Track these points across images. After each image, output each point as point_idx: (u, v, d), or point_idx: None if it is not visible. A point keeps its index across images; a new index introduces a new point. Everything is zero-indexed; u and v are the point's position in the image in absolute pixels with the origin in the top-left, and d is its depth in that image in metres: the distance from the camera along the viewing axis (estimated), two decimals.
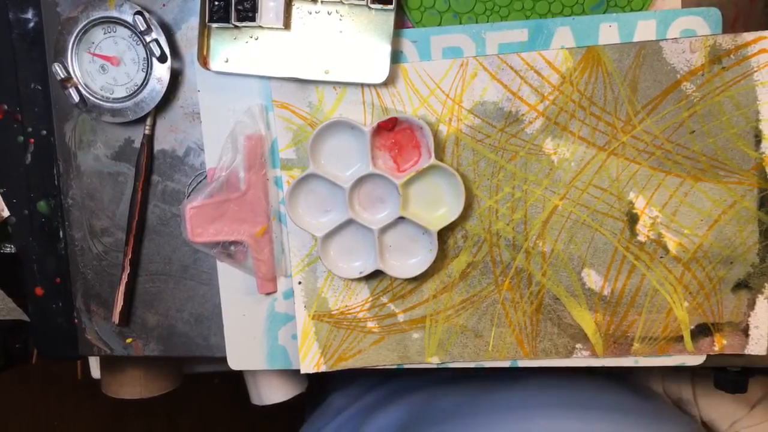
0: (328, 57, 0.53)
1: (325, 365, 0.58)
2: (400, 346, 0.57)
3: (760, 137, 0.52)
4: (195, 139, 0.58)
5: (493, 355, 0.56)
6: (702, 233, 0.53)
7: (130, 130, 0.59)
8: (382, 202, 0.55)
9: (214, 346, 0.61)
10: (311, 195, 0.55)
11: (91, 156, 0.60)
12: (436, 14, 0.53)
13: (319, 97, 0.55)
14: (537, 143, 0.54)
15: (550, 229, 0.54)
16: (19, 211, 0.61)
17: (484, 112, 0.53)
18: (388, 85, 0.54)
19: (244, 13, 0.52)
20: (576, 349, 0.55)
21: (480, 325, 0.56)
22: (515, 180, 0.54)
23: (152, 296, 0.61)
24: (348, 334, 0.57)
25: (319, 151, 0.54)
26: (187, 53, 0.57)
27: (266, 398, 0.75)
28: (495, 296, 0.55)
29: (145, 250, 0.60)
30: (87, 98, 0.56)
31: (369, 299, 0.57)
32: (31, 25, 0.58)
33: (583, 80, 0.52)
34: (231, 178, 0.56)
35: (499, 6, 0.53)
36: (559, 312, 0.55)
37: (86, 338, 0.62)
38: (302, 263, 0.57)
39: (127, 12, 0.55)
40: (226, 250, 0.57)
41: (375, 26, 0.53)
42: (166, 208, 0.60)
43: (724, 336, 0.54)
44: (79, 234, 0.61)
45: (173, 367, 0.80)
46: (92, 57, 0.56)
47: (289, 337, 0.59)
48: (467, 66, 0.53)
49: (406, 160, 0.54)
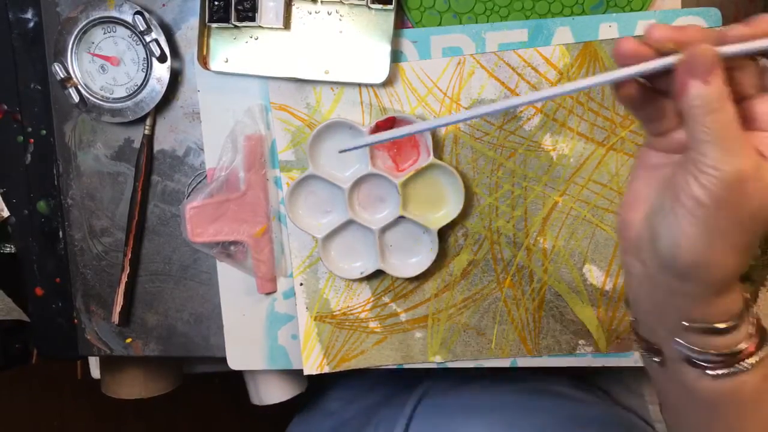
0: (328, 57, 0.53)
1: (328, 366, 0.58)
2: (403, 346, 0.57)
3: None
4: (195, 139, 0.58)
5: (496, 352, 0.56)
6: None
7: (130, 130, 0.59)
8: (382, 201, 0.55)
9: (214, 346, 0.61)
10: (311, 196, 0.55)
11: (91, 156, 0.60)
12: (436, 14, 0.53)
13: (317, 98, 0.55)
14: (536, 140, 0.54)
15: (551, 225, 0.54)
16: (19, 211, 0.61)
17: None
18: (386, 85, 0.54)
19: (244, 13, 0.52)
20: (579, 345, 0.55)
21: (482, 323, 0.56)
22: (515, 177, 0.54)
23: (152, 296, 0.61)
24: (350, 335, 0.57)
25: (318, 152, 0.54)
26: (187, 53, 0.57)
27: (266, 398, 0.75)
28: (497, 294, 0.55)
29: (145, 250, 0.60)
30: (87, 98, 0.56)
31: (371, 299, 0.57)
32: (31, 25, 0.58)
33: (581, 76, 0.52)
34: (231, 178, 0.56)
35: (499, 6, 0.53)
36: (561, 308, 0.55)
37: (86, 338, 0.62)
38: (303, 264, 0.57)
39: (127, 12, 0.55)
40: (226, 250, 0.57)
41: (375, 26, 0.53)
42: (166, 208, 0.60)
43: None
44: (78, 234, 0.61)
45: (173, 367, 0.79)
46: (92, 57, 0.56)
47: (289, 337, 0.59)
48: (464, 64, 0.53)
49: (405, 159, 0.54)
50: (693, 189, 0.32)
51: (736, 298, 0.36)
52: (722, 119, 0.32)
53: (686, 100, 0.33)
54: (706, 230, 0.33)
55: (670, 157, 0.36)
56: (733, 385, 0.36)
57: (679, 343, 0.37)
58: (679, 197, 0.33)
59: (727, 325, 0.35)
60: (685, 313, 0.36)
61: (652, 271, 0.37)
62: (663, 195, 0.35)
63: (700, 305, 0.35)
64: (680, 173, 0.33)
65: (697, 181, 0.32)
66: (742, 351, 0.36)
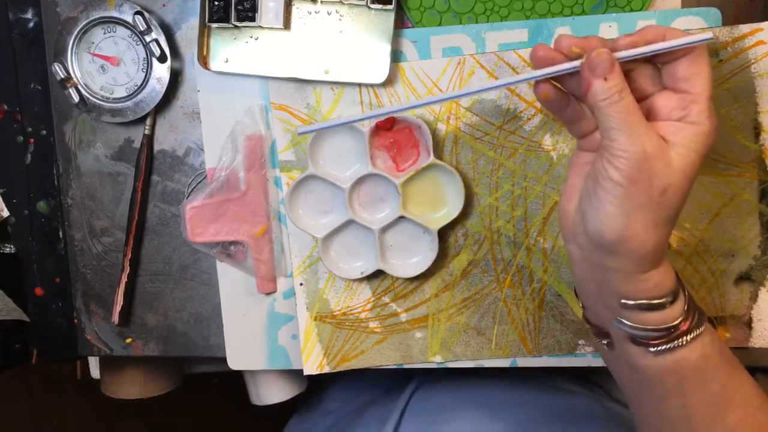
0: (328, 57, 0.53)
1: (329, 366, 0.58)
2: (403, 346, 0.57)
3: (759, 129, 0.52)
4: (195, 139, 0.58)
5: (496, 352, 0.56)
6: (703, 227, 0.53)
7: (130, 130, 0.59)
8: (382, 201, 0.55)
9: (214, 346, 0.61)
10: (311, 196, 0.55)
11: (91, 156, 0.60)
12: (436, 14, 0.53)
13: (317, 98, 0.55)
14: (536, 140, 0.54)
15: (551, 225, 0.54)
16: (19, 211, 0.61)
17: (482, 109, 0.54)
18: (386, 85, 0.54)
19: (244, 13, 0.52)
20: (579, 345, 0.55)
21: (482, 323, 0.56)
22: (515, 177, 0.54)
23: (152, 296, 0.61)
24: (350, 335, 0.57)
25: (318, 152, 0.54)
26: (187, 53, 0.57)
27: (266, 398, 0.75)
28: (497, 294, 0.55)
29: (144, 250, 0.60)
30: (87, 98, 0.56)
31: (371, 299, 0.57)
32: (31, 25, 0.58)
33: None
34: (231, 178, 0.56)
35: (499, 6, 0.53)
36: (561, 308, 0.55)
37: (86, 338, 0.62)
38: (303, 264, 0.57)
39: (127, 12, 0.55)
40: (226, 250, 0.57)
41: (375, 26, 0.53)
42: (166, 208, 0.60)
43: (728, 329, 0.54)
44: (78, 234, 0.61)
45: (173, 367, 0.79)
46: (92, 57, 0.56)
47: (289, 337, 0.59)
48: (464, 64, 0.53)
49: (405, 159, 0.54)
50: (609, 171, 0.37)
51: (667, 275, 0.40)
52: (624, 109, 0.37)
53: (591, 95, 0.38)
54: (624, 207, 0.37)
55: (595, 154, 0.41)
56: (674, 360, 0.40)
57: (620, 321, 0.41)
58: (598, 181, 0.38)
59: (662, 300, 0.39)
60: (619, 289, 0.40)
61: (586, 253, 0.41)
62: (587, 182, 0.40)
63: (631, 280, 0.39)
64: (598, 160, 0.38)
65: (611, 164, 0.37)
66: (679, 326, 0.40)
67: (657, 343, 0.40)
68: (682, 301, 0.40)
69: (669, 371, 0.40)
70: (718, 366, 0.41)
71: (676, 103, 0.39)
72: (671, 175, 0.37)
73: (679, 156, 0.37)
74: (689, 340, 0.40)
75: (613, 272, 0.39)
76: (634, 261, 0.38)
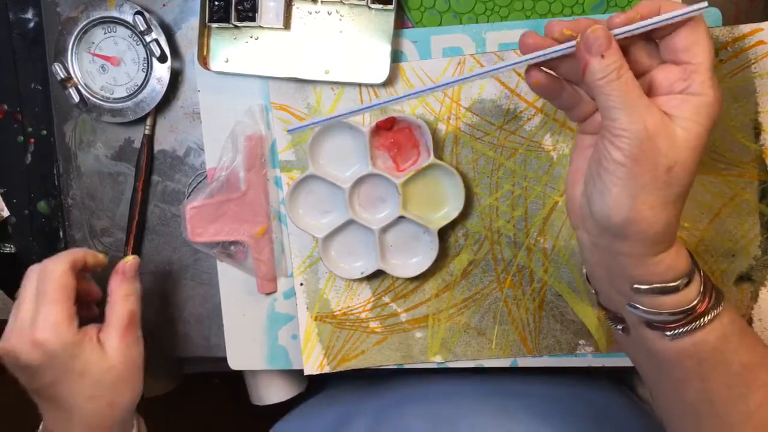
0: (329, 57, 0.53)
1: (329, 366, 0.58)
2: (403, 346, 0.57)
3: (759, 129, 0.52)
4: (195, 139, 0.58)
5: (497, 352, 0.56)
6: (703, 227, 0.53)
7: (130, 130, 0.59)
8: (383, 201, 0.55)
9: (214, 346, 0.61)
10: (311, 196, 0.55)
11: (91, 156, 0.60)
12: (436, 14, 0.53)
13: (317, 98, 0.55)
14: (536, 140, 0.54)
15: (551, 225, 0.54)
16: (19, 211, 0.61)
17: (483, 109, 0.54)
18: (386, 85, 0.54)
19: (244, 13, 0.52)
20: (579, 345, 0.55)
21: (483, 323, 0.56)
22: (515, 177, 0.54)
23: (152, 296, 0.61)
24: (351, 335, 0.57)
25: (318, 152, 0.54)
26: (187, 53, 0.57)
27: (266, 398, 0.75)
28: (497, 294, 0.56)
29: (145, 250, 0.60)
30: (87, 98, 0.56)
31: (371, 299, 0.57)
32: (31, 25, 0.58)
33: None
34: (231, 178, 0.56)
35: (499, 6, 0.53)
36: (561, 308, 0.55)
37: None
38: (304, 264, 0.57)
39: (127, 12, 0.55)
40: (226, 250, 0.57)
41: (375, 26, 0.53)
42: (166, 208, 0.60)
43: None
44: (79, 234, 0.61)
45: (173, 367, 0.80)
46: (92, 57, 0.56)
47: (289, 337, 0.59)
48: (464, 64, 0.53)
49: (405, 159, 0.54)
50: (611, 152, 0.36)
51: (680, 256, 0.39)
52: (623, 86, 0.36)
53: (589, 75, 0.37)
54: (629, 188, 0.36)
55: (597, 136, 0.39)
56: (692, 343, 0.39)
57: (634, 306, 0.40)
58: (601, 163, 0.37)
59: (676, 283, 0.38)
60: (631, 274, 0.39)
61: (595, 238, 0.40)
62: (591, 165, 0.39)
63: (642, 264, 0.38)
64: (600, 142, 0.37)
65: (613, 145, 0.36)
66: (696, 308, 0.38)
67: (673, 326, 0.39)
68: (698, 282, 0.39)
69: (687, 354, 0.39)
70: (739, 346, 0.39)
71: (677, 75, 0.38)
72: (677, 152, 0.36)
73: (684, 130, 0.36)
74: (707, 322, 0.38)
75: (623, 256, 0.38)
76: (644, 243, 0.37)
